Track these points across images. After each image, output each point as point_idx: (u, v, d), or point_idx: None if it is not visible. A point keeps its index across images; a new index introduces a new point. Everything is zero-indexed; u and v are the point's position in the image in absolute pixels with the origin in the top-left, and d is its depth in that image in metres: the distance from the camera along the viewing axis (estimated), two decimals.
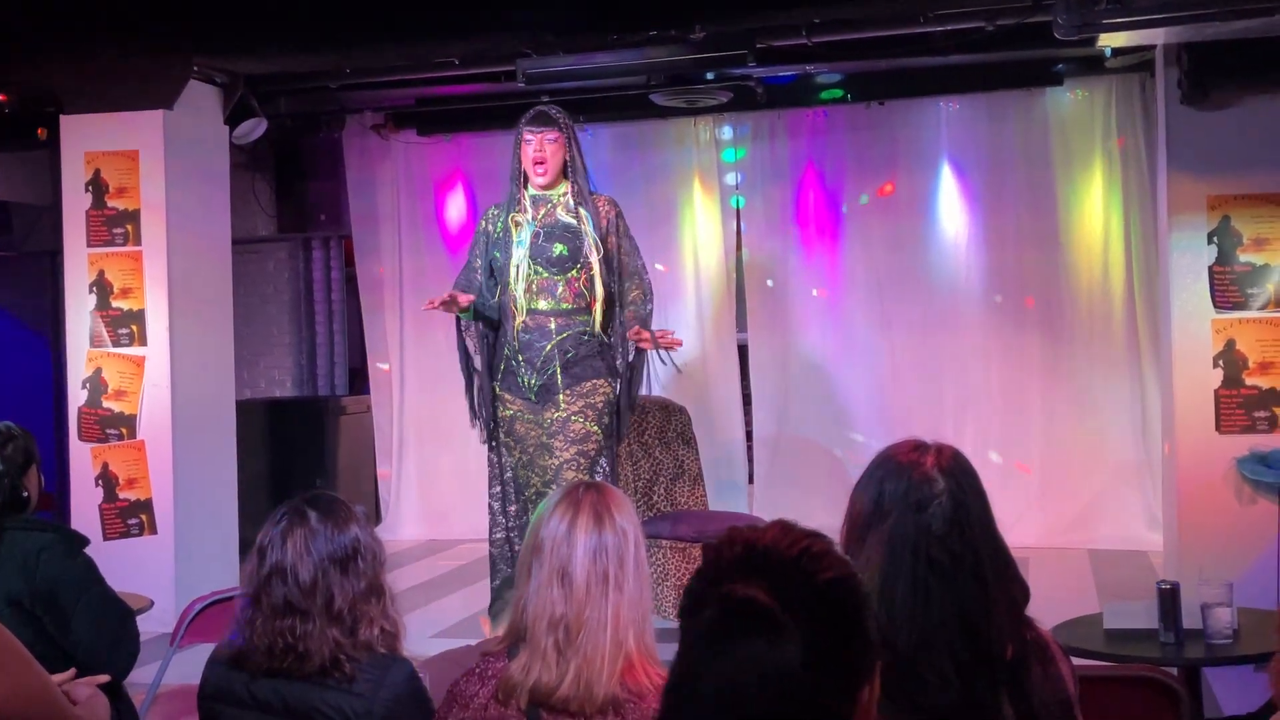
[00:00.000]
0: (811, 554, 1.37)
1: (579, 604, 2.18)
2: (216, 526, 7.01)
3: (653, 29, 6.34)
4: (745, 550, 1.37)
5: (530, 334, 5.11)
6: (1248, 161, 6.09)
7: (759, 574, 1.33)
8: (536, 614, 2.20)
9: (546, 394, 5.12)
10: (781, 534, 1.39)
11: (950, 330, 8.30)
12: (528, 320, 5.10)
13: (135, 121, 6.81)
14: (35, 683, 2.09)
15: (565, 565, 2.20)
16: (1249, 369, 6.07)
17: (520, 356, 5.13)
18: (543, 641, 2.18)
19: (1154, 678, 3.15)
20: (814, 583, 1.34)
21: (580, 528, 2.22)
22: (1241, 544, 5.81)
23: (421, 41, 6.75)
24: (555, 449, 5.06)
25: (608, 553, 2.21)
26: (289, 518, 2.46)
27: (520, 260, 5.07)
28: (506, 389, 5.22)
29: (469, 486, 9.08)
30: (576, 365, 5.11)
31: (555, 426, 5.08)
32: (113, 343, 6.82)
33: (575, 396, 5.08)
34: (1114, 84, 7.91)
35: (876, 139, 8.41)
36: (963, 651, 1.90)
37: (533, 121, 5.16)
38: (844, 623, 1.35)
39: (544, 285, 5.08)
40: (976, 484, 2.01)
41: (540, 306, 5.09)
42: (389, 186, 9.21)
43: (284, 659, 2.40)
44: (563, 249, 5.06)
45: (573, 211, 5.12)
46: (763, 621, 1.29)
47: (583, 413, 5.07)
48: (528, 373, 5.12)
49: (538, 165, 5.13)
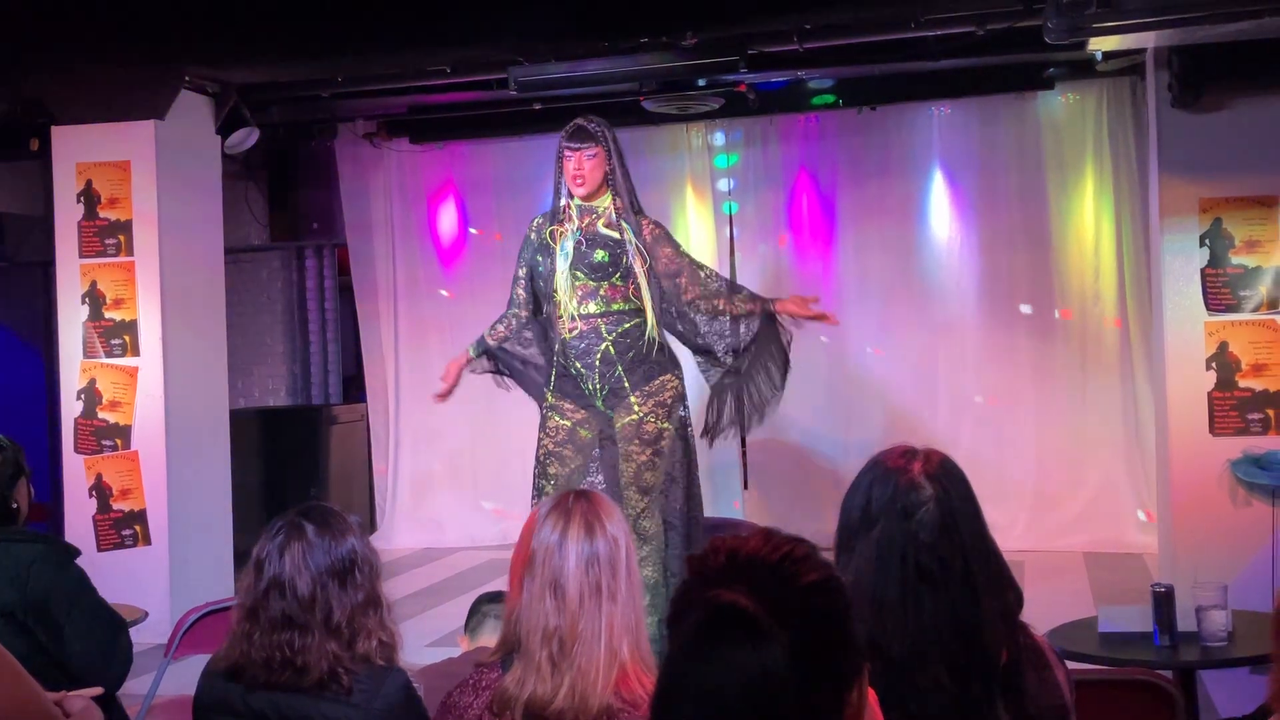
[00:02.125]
0: (793, 558, 1.37)
1: (572, 615, 2.18)
2: (211, 537, 7.00)
3: (644, 35, 6.34)
4: (728, 558, 1.38)
5: (584, 339, 5.01)
6: (1239, 164, 6.09)
7: (742, 580, 1.34)
8: (530, 627, 2.19)
9: (616, 399, 5.02)
10: (763, 541, 1.40)
11: (943, 334, 8.31)
12: (580, 324, 5.01)
13: (127, 132, 6.80)
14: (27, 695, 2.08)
15: (558, 577, 2.20)
16: (1242, 371, 6.08)
17: (577, 363, 5.02)
18: (537, 654, 2.17)
19: (1149, 681, 3.15)
20: (796, 586, 1.35)
21: (571, 537, 2.22)
22: (1236, 546, 5.81)
23: (413, 50, 6.75)
24: (632, 454, 4.99)
25: (600, 562, 2.21)
26: (286, 531, 2.45)
27: (563, 267, 5.00)
28: (565, 397, 5.08)
29: (463, 496, 9.09)
30: (643, 364, 5.03)
31: (628, 431, 5.00)
32: (105, 353, 6.81)
33: (645, 397, 5.01)
34: (1105, 87, 7.93)
35: (869, 144, 8.43)
36: (956, 658, 1.89)
37: (572, 137, 5.07)
38: (827, 625, 1.35)
39: (588, 291, 5.00)
40: (966, 489, 2.00)
41: (590, 310, 5.00)
42: (382, 195, 9.22)
43: (282, 672, 2.40)
44: (603, 255, 5.00)
45: (615, 225, 5.06)
46: (747, 626, 1.29)
47: (654, 412, 5.01)
48: (589, 377, 5.02)
49: (576, 180, 5.05)
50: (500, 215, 8.99)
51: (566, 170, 5.07)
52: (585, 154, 5.04)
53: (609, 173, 5.10)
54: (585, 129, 5.09)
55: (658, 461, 5.02)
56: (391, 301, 9.26)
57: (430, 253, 9.20)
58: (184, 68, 6.85)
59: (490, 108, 8.18)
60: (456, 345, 8.78)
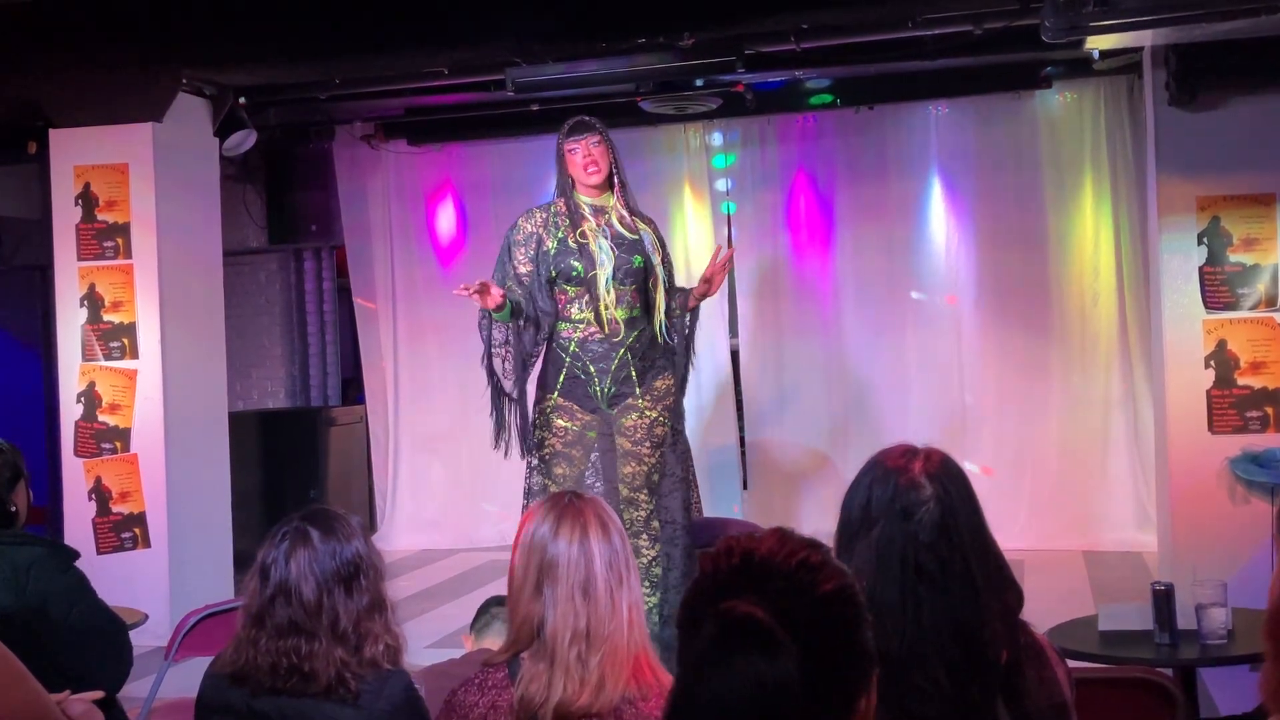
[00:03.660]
0: (809, 566, 1.37)
1: (603, 612, 2.21)
2: (210, 539, 6.99)
3: (641, 36, 6.34)
4: (743, 562, 1.37)
5: (605, 343, 4.96)
6: (1237, 162, 6.10)
7: (756, 589, 1.33)
8: (558, 629, 2.20)
9: (620, 400, 4.99)
10: (779, 544, 1.39)
11: (941, 333, 8.31)
12: (607, 329, 4.95)
13: (125, 134, 6.80)
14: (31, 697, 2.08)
15: (586, 581, 2.22)
16: (1240, 369, 6.08)
17: (592, 366, 4.96)
18: (567, 655, 2.18)
19: (1149, 679, 3.15)
20: (811, 596, 1.34)
21: (593, 540, 2.25)
22: (1235, 544, 5.81)
23: (410, 51, 6.74)
24: (643, 455, 4.97)
25: (619, 556, 2.26)
26: (291, 536, 2.45)
27: (607, 271, 4.92)
28: (572, 400, 5.00)
29: (463, 496, 9.09)
30: (651, 367, 5.02)
31: (638, 432, 4.98)
32: (104, 356, 6.81)
33: (654, 399, 5.00)
34: (1102, 86, 7.93)
35: (866, 143, 8.43)
36: (956, 658, 1.89)
37: (573, 131, 5.01)
38: (841, 635, 1.35)
39: (621, 295, 4.95)
40: (966, 488, 1.99)
41: (619, 315, 4.96)
42: (380, 196, 9.22)
43: (289, 678, 2.39)
44: (639, 260, 4.99)
45: (629, 224, 5.03)
46: (761, 638, 1.29)
47: (661, 414, 5.01)
48: (602, 380, 4.97)
49: (590, 167, 4.96)
50: (498, 216, 8.96)
51: (574, 162, 4.98)
52: (590, 142, 4.99)
53: (613, 165, 5.05)
54: (585, 121, 5.04)
55: (667, 462, 5.02)
56: (390, 303, 9.26)
57: (429, 254, 9.20)
58: (181, 70, 6.85)
59: (488, 109, 8.18)
60: (455, 346, 8.83)
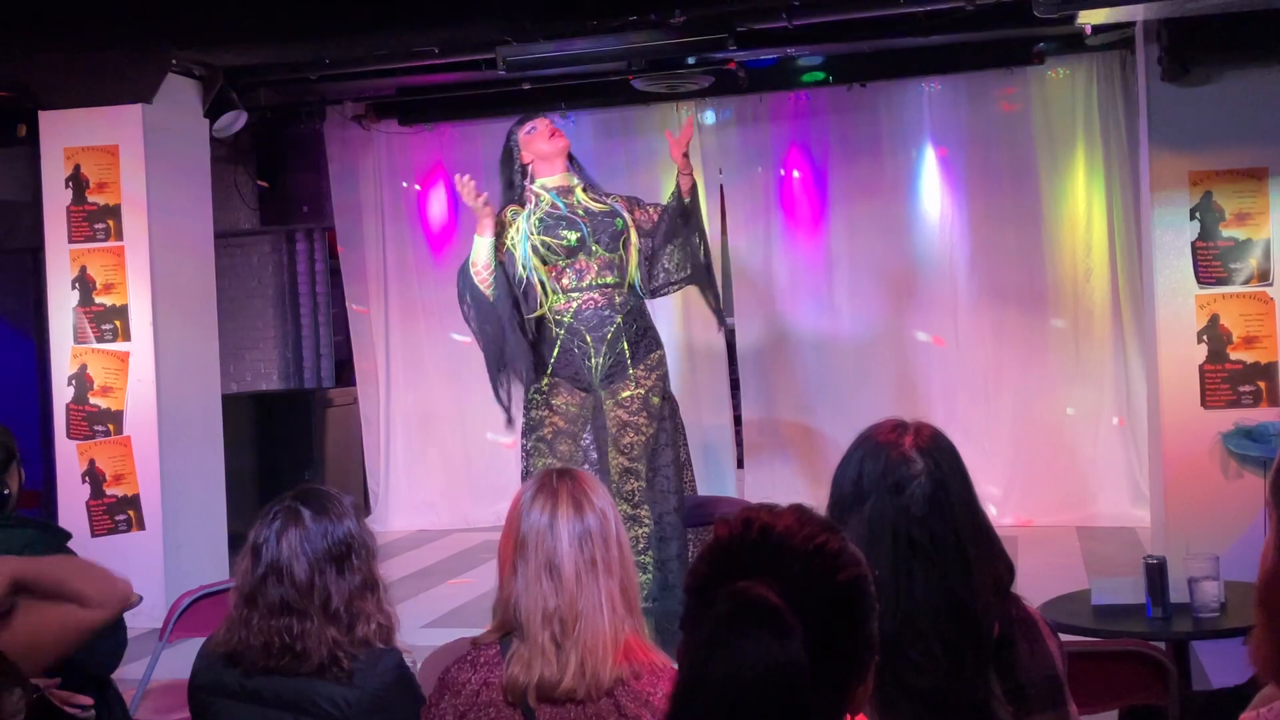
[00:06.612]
0: (827, 552, 1.37)
1: (571, 594, 2.18)
2: (204, 521, 7.00)
3: (632, 14, 6.33)
4: (760, 536, 1.37)
5: (598, 312, 4.95)
6: (1229, 137, 6.09)
7: (772, 570, 1.33)
8: (529, 610, 2.20)
9: (614, 376, 4.97)
10: (798, 524, 1.38)
11: (935, 310, 8.31)
12: (595, 296, 4.94)
13: (114, 116, 6.78)
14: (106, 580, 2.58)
15: (552, 557, 2.20)
16: (1233, 344, 6.09)
17: (588, 336, 4.94)
18: (539, 637, 2.18)
19: (1142, 652, 3.16)
20: (827, 585, 1.35)
21: (562, 517, 2.22)
22: (1228, 518, 5.82)
23: (400, 30, 6.72)
24: (641, 426, 4.97)
25: (592, 537, 2.22)
26: (282, 516, 2.45)
27: (583, 235, 4.92)
28: (566, 378, 4.98)
29: (457, 477, 9.09)
30: (643, 339, 5.02)
31: (636, 404, 4.98)
32: (96, 339, 6.79)
33: (648, 371, 5.00)
34: (1094, 62, 7.92)
35: (859, 121, 8.42)
36: (949, 632, 1.90)
37: (524, 120, 5.20)
38: (851, 625, 1.36)
39: (605, 263, 4.96)
40: (957, 463, 2.00)
41: (607, 281, 4.96)
42: (371, 177, 9.19)
43: (281, 658, 2.40)
44: (621, 222, 5.03)
45: (596, 195, 5.11)
46: (772, 620, 1.29)
47: (656, 387, 5.01)
48: (597, 350, 4.94)
49: (554, 135, 5.09)
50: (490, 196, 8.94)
51: (537, 139, 5.09)
52: (547, 119, 5.18)
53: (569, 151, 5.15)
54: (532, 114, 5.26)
55: (663, 435, 5.04)
56: (382, 284, 9.24)
57: (420, 234, 9.18)
58: (171, 51, 6.82)
59: (479, 88, 8.15)
60: (446, 327, 8.82)
